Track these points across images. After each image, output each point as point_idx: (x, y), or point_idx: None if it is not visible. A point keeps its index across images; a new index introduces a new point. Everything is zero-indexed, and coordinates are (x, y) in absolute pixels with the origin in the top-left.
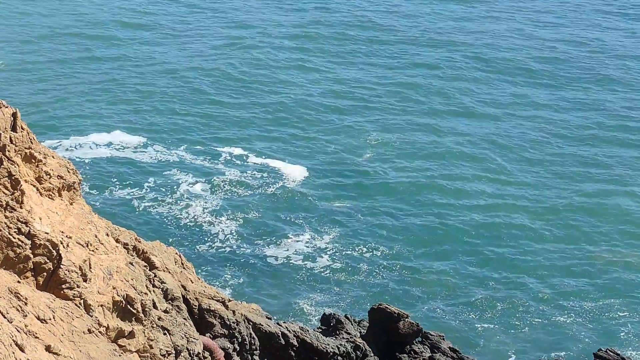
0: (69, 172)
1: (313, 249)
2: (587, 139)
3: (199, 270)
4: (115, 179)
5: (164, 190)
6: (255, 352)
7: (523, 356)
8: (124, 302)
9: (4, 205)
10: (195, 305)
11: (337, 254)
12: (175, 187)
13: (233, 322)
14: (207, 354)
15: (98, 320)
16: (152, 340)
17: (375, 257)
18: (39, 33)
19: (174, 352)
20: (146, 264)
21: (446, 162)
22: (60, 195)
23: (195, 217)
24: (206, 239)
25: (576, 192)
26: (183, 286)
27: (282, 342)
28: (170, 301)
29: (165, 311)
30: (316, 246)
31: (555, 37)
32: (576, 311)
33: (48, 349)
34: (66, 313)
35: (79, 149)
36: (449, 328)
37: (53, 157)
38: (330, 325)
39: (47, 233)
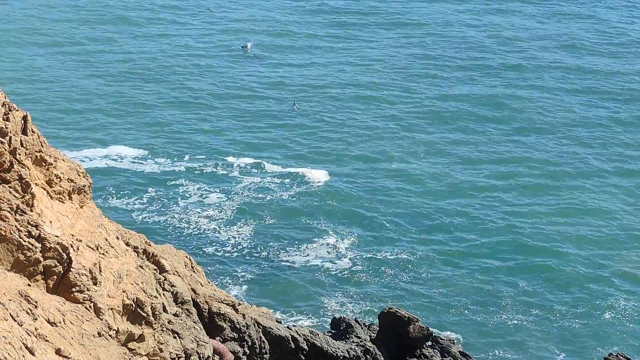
0: (79, 175)
1: (329, 254)
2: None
3: (212, 274)
4: (123, 188)
5: (176, 197)
6: (265, 355)
7: None
8: (134, 305)
9: (15, 209)
10: (205, 309)
11: (354, 259)
12: (188, 194)
13: (243, 326)
14: (217, 357)
15: (108, 324)
16: (162, 343)
17: (393, 263)
18: (37, 42)
19: (183, 355)
20: (156, 268)
21: (471, 169)
22: (70, 198)
23: (209, 221)
24: (220, 242)
25: (607, 193)
26: (193, 289)
27: (292, 345)
28: (180, 305)
29: (175, 315)
30: (333, 251)
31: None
32: (587, 316)
33: (58, 352)
34: (76, 316)
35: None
36: (460, 333)
37: (63, 160)
38: (340, 329)
39: (57, 236)
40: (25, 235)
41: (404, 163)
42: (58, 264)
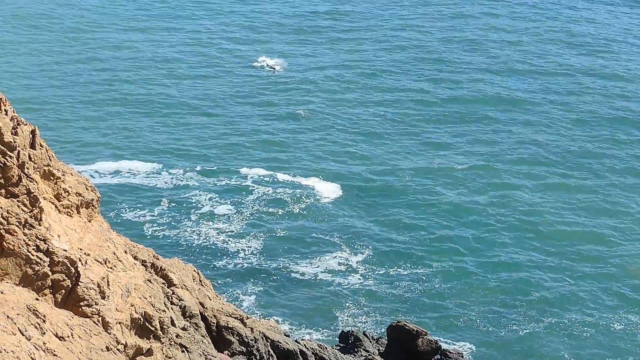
0: (87, 189)
1: (339, 265)
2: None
3: (221, 287)
4: (134, 201)
5: (187, 209)
6: None
7: None
8: (142, 319)
9: (23, 223)
10: (214, 323)
11: (364, 271)
12: (200, 204)
13: (251, 340)
14: None
15: (116, 338)
16: (170, 357)
17: (404, 275)
18: (49, 50)
19: None
20: (164, 281)
21: (482, 185)
22: (78, 212)
23: (218, 233)
24: (230, 255)
25: (622, 195)
26: (201, 303)
27: (301, 359)
28: (188, 318)
29: (184, 328)
30: (343, 263)
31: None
32: (601, 324)
33: None
34: (84, 330)
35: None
36: (472, 344)
37: (72, 174)
38: (348, 343)
39: (66, 250)
40: (33, 249)
41: (417, 174)
42: (66, 278)
